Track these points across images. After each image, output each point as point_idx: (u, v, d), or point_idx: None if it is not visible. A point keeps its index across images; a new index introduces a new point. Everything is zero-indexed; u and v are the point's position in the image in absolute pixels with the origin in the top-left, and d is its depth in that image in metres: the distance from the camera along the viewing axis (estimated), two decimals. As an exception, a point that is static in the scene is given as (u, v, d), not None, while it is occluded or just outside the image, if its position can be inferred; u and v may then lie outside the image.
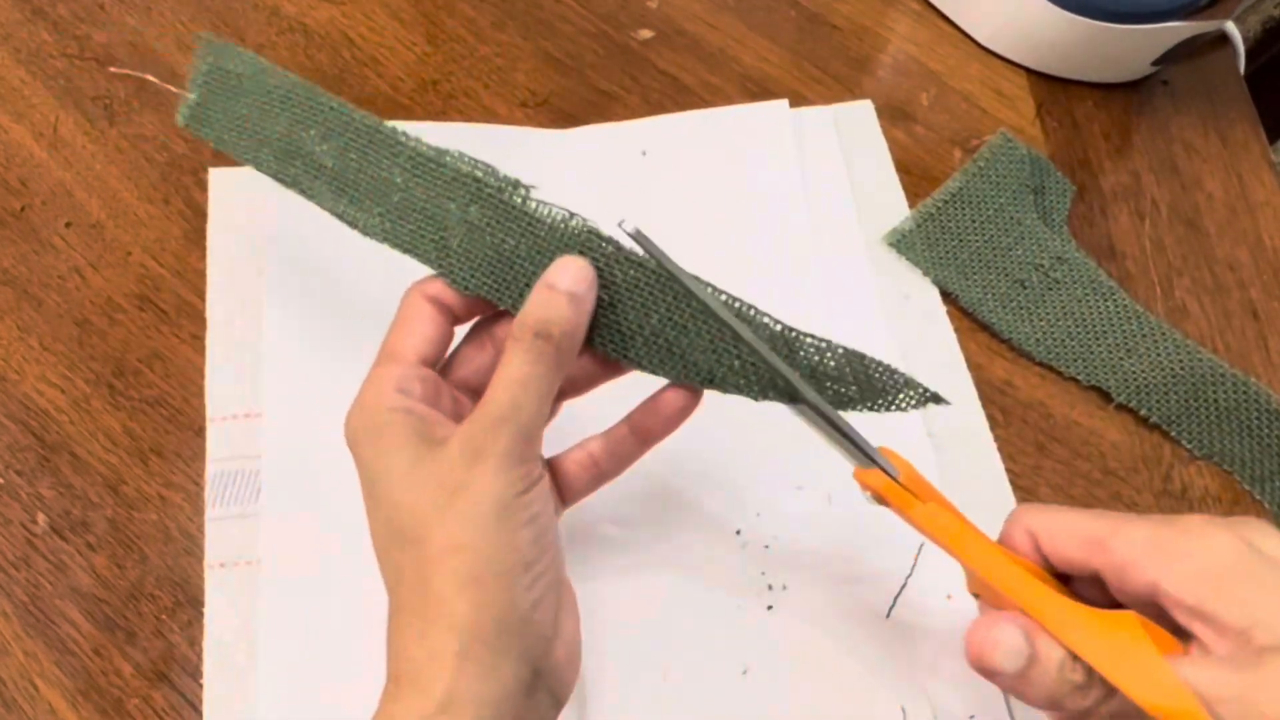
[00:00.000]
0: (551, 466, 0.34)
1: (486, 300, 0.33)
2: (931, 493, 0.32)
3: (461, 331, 0.34)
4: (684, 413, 0.33)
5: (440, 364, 0.33)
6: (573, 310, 0.30)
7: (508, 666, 0.28)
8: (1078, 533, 0.29)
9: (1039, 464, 0.44)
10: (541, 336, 0.30)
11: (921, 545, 0.40)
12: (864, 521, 0.41)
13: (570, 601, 0.33)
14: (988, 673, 0.28)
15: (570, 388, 0.34)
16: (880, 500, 0.32)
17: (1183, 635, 0.27)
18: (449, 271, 0.32)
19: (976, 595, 0.33)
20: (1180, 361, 0.45)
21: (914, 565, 0.40)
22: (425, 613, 0.28)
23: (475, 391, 0.34)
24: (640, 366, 0.32)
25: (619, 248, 0.32)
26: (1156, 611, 0.27)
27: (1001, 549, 0.30)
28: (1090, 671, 0.27)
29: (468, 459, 0.29)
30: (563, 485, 0.35)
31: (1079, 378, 0.45)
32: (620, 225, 0.31)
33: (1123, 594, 0.29)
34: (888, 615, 0.39)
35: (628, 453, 0.35)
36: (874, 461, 0.32)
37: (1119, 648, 0.27)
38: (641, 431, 0.34)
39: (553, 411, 0.35)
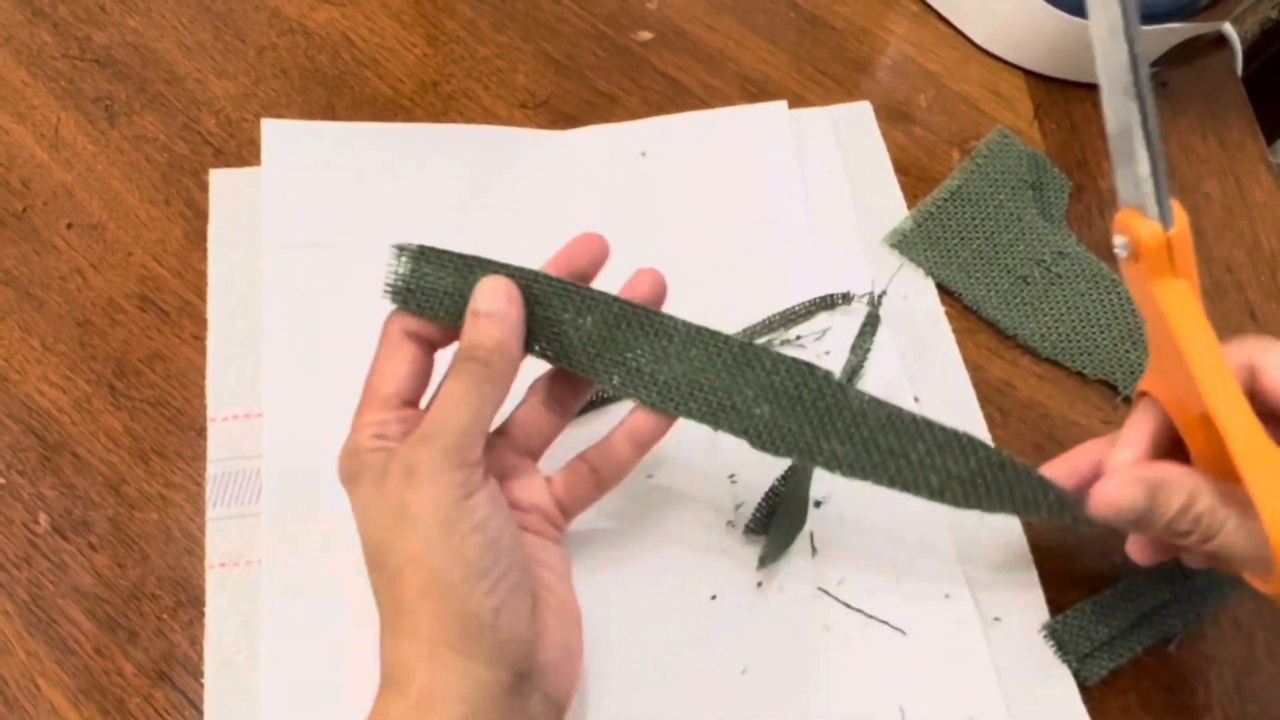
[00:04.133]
0: (549, 484, 0.36)
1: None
2: (1189, 270, 0.29)
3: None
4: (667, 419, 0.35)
5: (421, 398, 0.35)
6: (497, 328, 0.32)
7: (480, 666, 0.29)
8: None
9: (1038, 464, 0.43)
10: (469, 359, 0.32)
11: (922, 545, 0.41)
12: (861, 521, 0.41)
13: (558, 605, 0.34)
14: (1117, 515, 0.32)
15: (574, 399, 0.36)
16: (1133, 254, 0.29)
17: None
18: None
19: (1142, 393, 0.32)
20: None
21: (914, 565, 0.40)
22: (398, 624, 0.30)
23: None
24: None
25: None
26: None
27: (1225, 365, 0.29)
28: (1198, 520, 0.29)
29: (404, 479, 0.30)
30: (561, 498, 0.36)
31: (1085, 372, 0.46)
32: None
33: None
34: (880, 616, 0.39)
35: (624, 458, 0.35)
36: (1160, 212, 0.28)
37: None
38: (635, 434, 0.35)
39: (556, 430, 0.37)
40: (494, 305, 0.32)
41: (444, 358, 0.34)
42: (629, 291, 0.35)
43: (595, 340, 0.34)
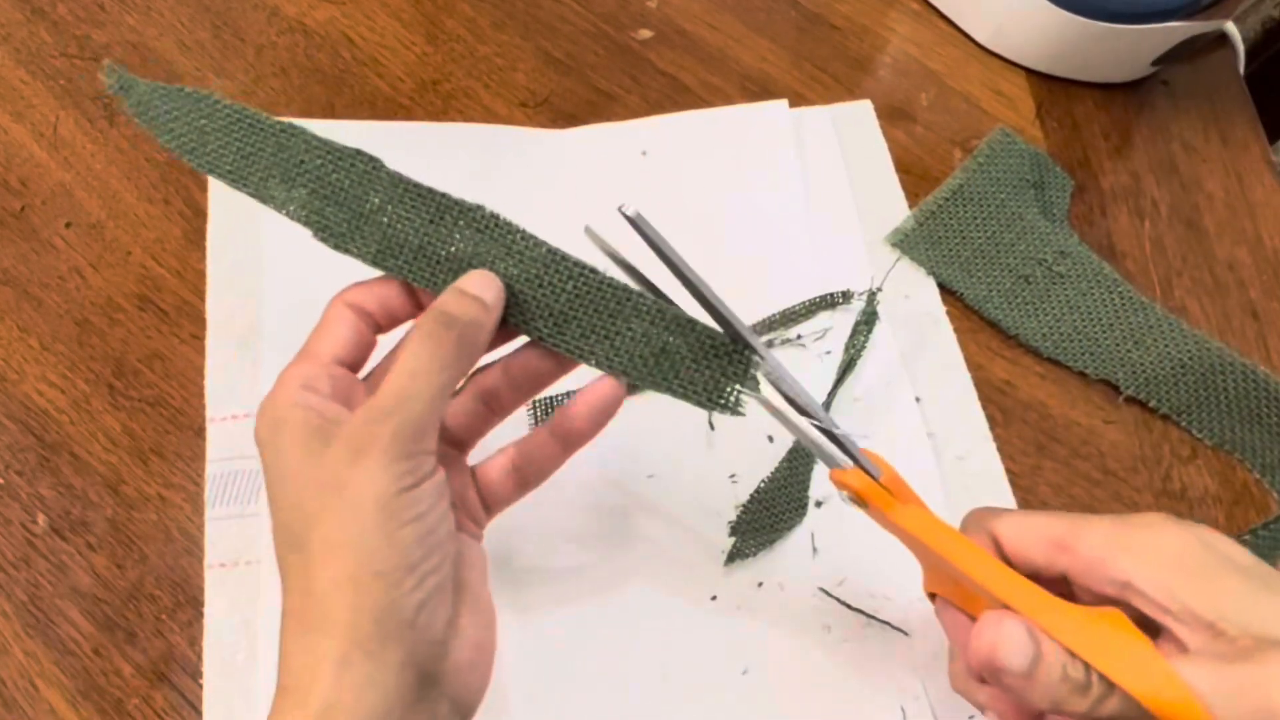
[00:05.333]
0: (473, 474, 0.34)
1: (407, 294, 0.33)
2: (911, 496, 0.32)
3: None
4: (607, 410, 0.32)
5: (360, 368, 0.33)
6: (478, 310, 0.30)
7: (390, 672, 0.27)
8: (1041, 534, 0.30)
9: (1039, 464, 0.44)
10: (443, 323, 0.29)
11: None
12: (861, 521, 0.41)
13: (478, 608, 0.31)
14: (995, 672, 0.28)
15: (511, 392, 0.33)
16: (859, 501, 0.32)
17: (1151, 631, 0.27)
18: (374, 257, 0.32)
19: (932, 596, 0.33)
20: (1188, 351, 0.45)
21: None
22: (306, 617, 0.28)
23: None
24: (581, 356, 0.32)
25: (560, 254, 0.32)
26: (1122, 610, 0.28)
27: (985, 551, 0.30)
28: (1089, 670, 0.27)
29: (350, 455, 0.28)
30: (485, 494, 0.34)
31: (1087, 371, 0.45)
32: (620, 209, 0.31)
33: (1089, 593, 0.29)
34: (877, 616, 0.39)
35: (549, 456, 0.33)
36: (855, 461, 0.31)
37: (1113, 643, 0.27)
38: (564, 431, 0.33)
39: (489, 425, 0.34)
40: (486, 293, 0.30)
41: (388, 342, 0.33)
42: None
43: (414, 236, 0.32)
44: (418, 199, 0.33)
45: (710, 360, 0.31)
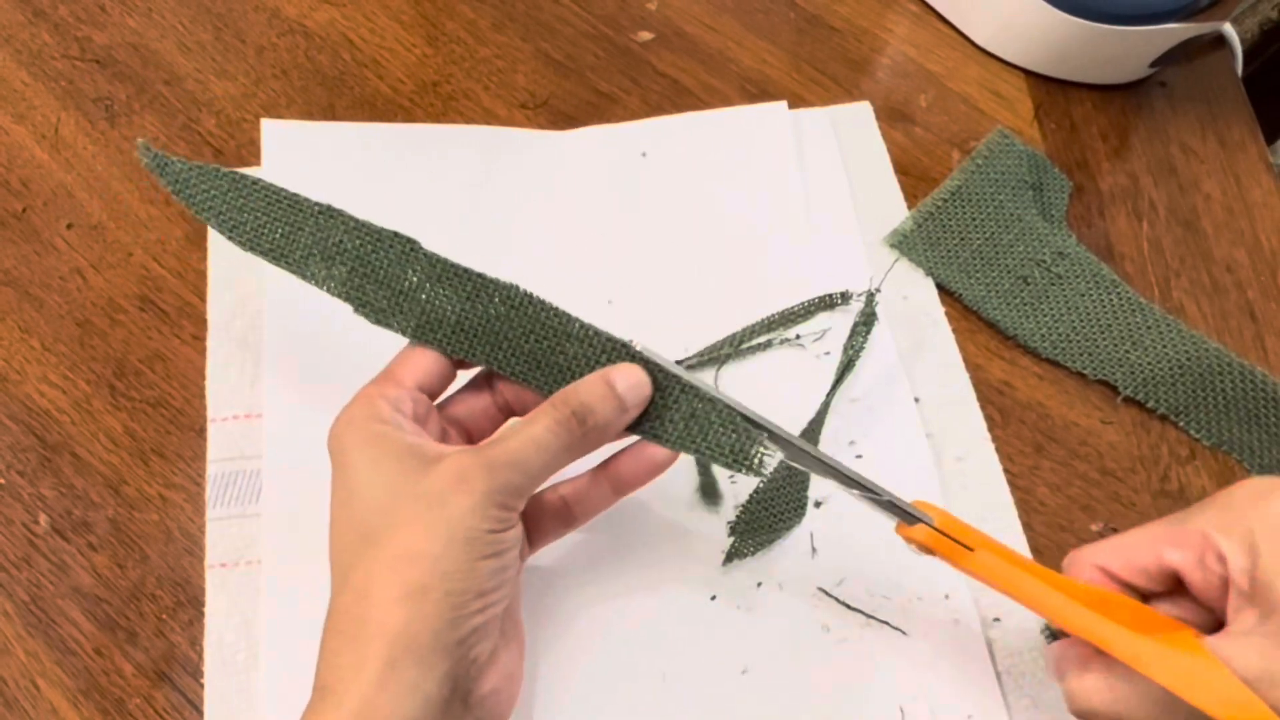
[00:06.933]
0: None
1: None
2: (975, 536, 0.33)
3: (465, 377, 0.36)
4: (660, 469, 0.34)
5: (437, 397, 0.34)
6: (615, 412, 0.32)
7: (434, 684, 0.28)
8: (1144, 539, 0.31)
9: (1037, 464, 0.44)
10: (578, 417, 0.31)
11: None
12: (861, 521, 0.41)
13: (516, 639, 0.33)
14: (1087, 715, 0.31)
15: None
16: (928, 551, 0.33)
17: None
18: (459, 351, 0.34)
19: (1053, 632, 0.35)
20: (1186, 352, 0.45)
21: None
22: (362, 616, 0.29)
23: (464, 429, 0.35)
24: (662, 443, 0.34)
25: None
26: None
27: (1057, 578, 0.31)
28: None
29: (454, 483, 0.29)
30: (531, 528, 0.35)
31: (1085, 372, 0.46)
32: (631, 344, 0.33)
33: (1205, 583, 0.30)
34: (875, 616, 0.39)
35: (599, 499, 0.35)
36: (915, 517, 0.33)
37: (1186, 666, 0.28)
38: (616, 479, 0.34)
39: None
40: (631, 395, 0.32)
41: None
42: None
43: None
44: (455, 278, 0.34)
45: (735, 428, 0.33)
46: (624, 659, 0.38)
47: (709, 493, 0.41)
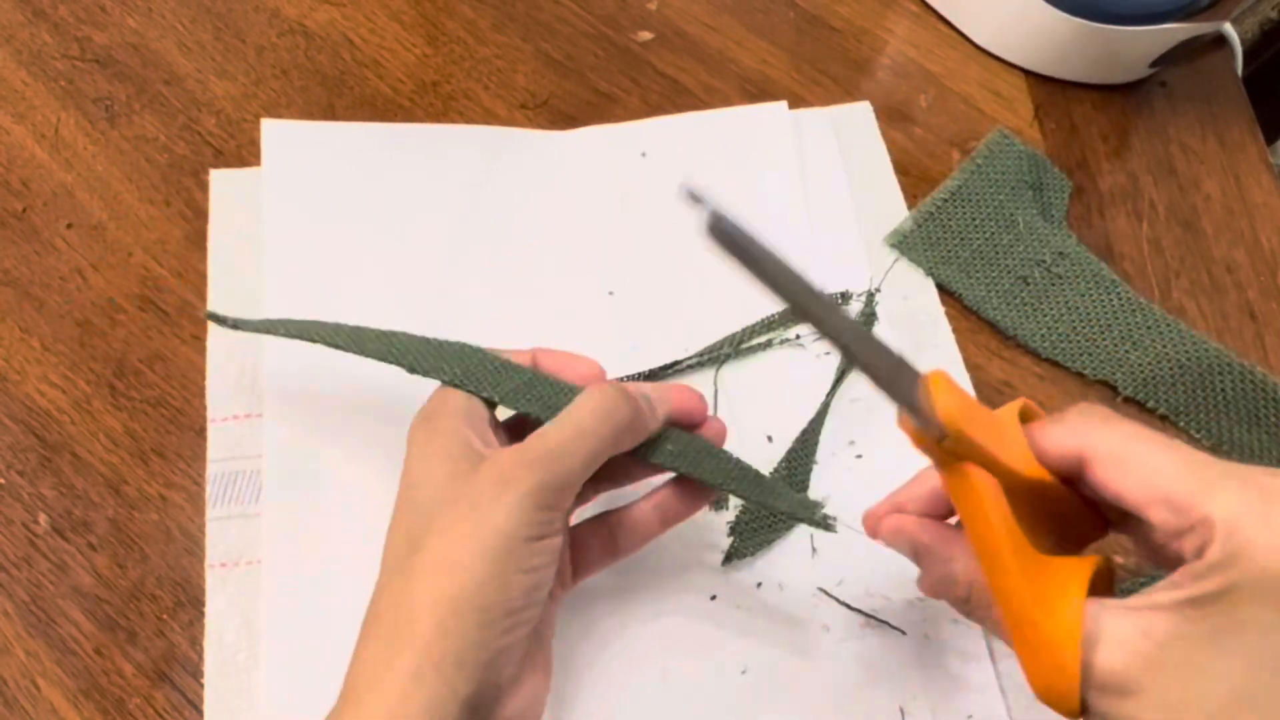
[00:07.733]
0: (569, 537, 0.34)
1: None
2: (987, 430, 0.28)
3: None
4: (712, 496, 0.35)
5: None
6: (654, 421, 0.32)
7: (455, 702, 0.28)
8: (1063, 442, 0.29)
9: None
10: (624, 398, 0.31)
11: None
12: (857, 520, 0.41)
13: (544, 667, 0.32)
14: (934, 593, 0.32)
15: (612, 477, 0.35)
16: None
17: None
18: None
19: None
20: (1186, 352, 0.45)
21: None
22: (395, 623, 0.28)
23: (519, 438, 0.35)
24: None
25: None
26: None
27: (1002, 533, 0.28)
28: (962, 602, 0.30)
29: (495, 486, 0.29)
30: (576, 558, 0.35)
31: (1085, 372, 0.46)
32: (685, 189, 0.25)
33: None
34: (874, 616, 0.39)
35: (646, 529, 0.35)
36: (920, 415, 0.27)
37: (1052, 595, 0.27)
38: (665, 509, 0.35)
39: (588, 498, 0.36)
40: (659, 404, 0.33)
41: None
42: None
43: None
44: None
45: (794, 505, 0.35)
46: (624, 659, 0.38)
47: None
